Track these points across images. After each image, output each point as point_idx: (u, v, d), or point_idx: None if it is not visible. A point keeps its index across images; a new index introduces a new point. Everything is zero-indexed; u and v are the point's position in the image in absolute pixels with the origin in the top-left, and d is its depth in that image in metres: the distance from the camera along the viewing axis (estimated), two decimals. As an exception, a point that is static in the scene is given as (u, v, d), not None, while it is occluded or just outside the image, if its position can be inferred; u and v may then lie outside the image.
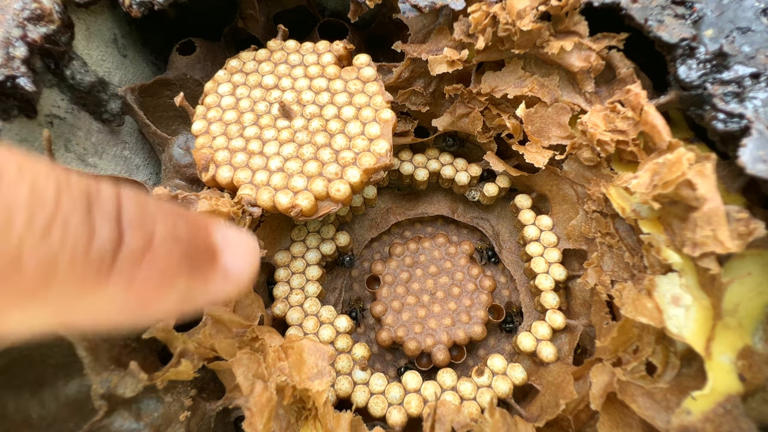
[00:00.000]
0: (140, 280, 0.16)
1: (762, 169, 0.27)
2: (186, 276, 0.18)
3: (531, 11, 0.35)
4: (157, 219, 0.17)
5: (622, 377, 0.31)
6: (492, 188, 0.48)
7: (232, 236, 0.21)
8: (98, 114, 0.41)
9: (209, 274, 0.20)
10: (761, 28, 0.31)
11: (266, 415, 0.30)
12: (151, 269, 0.17)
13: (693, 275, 0.30)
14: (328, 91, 0.39)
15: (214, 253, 0.20)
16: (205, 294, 0.19)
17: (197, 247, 0.19)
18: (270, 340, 0.33)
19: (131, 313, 0.17)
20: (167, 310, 0.18)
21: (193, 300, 0.19)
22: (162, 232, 0.17)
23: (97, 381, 0.29)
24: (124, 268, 0.16)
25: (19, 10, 0.34)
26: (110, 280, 0.15)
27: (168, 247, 0.17)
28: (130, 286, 0.16)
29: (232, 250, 0.21)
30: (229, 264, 0.20)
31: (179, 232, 0.18)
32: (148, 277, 0.17)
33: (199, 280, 0.19)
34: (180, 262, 0.18)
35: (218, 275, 0.20)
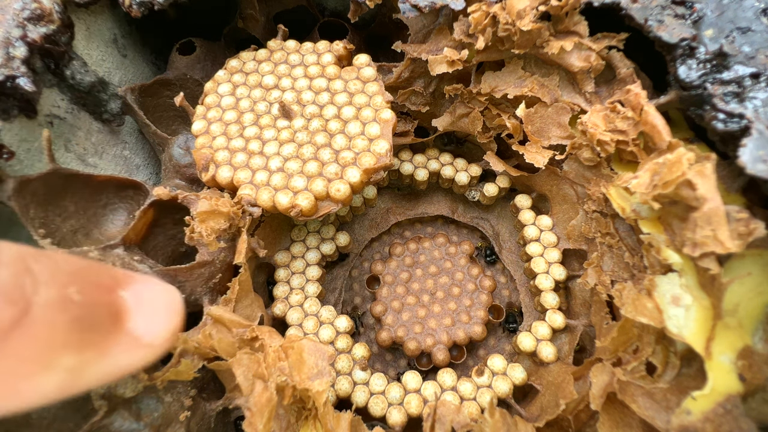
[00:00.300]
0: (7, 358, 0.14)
1: (762, 169, 0.27)
2: (75, 348, 0.15)
3: (531, 11, 0.35)
4: (42, 282, 0.15)
5: (622, 377, 0.31)
6: (492, 188, 0.48)
7: (148, 292, 0.18)
8: (98, 114, 0.41)
9: (109, 342, 0.16)
10: (761, 28, 0.31)
11: (266, 415, 0.30)
12: (23, 345, 0.14)
13: (693, 275, 0.30)
14: (328, 91, 0.39)
15: (118, 316, 0.17)
16: (105, 367, 0.16)
17: (96, 312, 0.16)
18: (270, 340, 0.33)
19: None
20: (49, 392, 0.15)
21: (87, 377, 0.16)
22: (45, 297, 0.15)
23: (97, 381, 0.29)
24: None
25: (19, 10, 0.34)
26: None
27: (50, 317, 0.15)
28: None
29: (145, 310, 0.17)
30: (140, 328, 0.17)
31: (70, 296, 0.15)
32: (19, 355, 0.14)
33: (95, 351, 0.16)
34: (67, 332, 0.15)
35: (123, 343, 0.17)
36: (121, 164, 0.44)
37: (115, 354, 0.17)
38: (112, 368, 0.17)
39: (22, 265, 0.15)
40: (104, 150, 0.42)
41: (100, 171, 0.41)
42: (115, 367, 0.17)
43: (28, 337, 0.14)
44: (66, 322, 0.15)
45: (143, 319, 0.17)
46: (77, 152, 0.40)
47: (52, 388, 0.15)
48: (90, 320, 0.16)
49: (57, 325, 0.15)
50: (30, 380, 0.15)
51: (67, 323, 0.15)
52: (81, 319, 0.16)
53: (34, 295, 0.14)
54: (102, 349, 0.16)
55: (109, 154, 0.43)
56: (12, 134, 0.34)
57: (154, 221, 0.37)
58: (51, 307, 0.15)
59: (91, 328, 0.16)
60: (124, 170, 0.44)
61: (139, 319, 0.17)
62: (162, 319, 0.18)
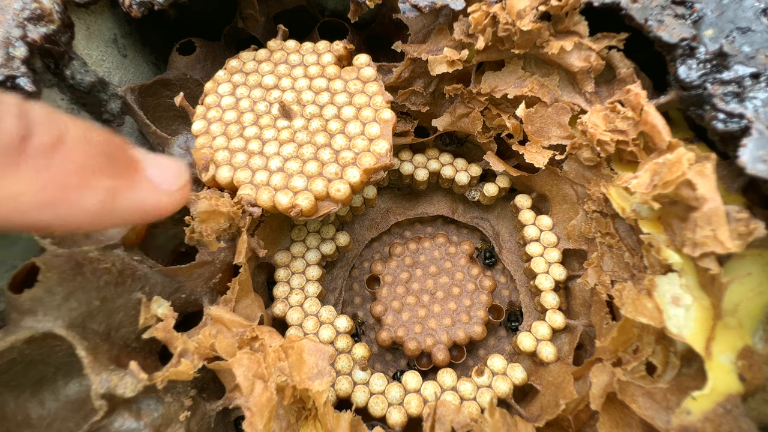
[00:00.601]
0: (55, 169, 0.16)
1: (762, 169, 0.27)
2: (108, 174, 0.18)
3: (531, 11, 0.35)
4: (69, 123, 0.17)
5: (622, 377, 0.31)
6: (492, 188, 0.48)
7: (155, 156, 0.20)
8: (98, 114, 0.41)
9: (136, 179, 0.19)
10: (761, 28, 0.31)
11: (266, 415, 0.30)
12: (66, 161, 0.16)
13: (693, 275, 0.30)
14: (328, 91, 0.39)
15: (135, 162, 0.19)
16: (134, 199, 0.18)
17: (115, 152, 0.18)
18: (270, 340, 0.33)
19: (52, 205, 0.16)
20: (93, 208, 0.17)
21: (121, 203, 0.18)
22: (75, 133, 0.17)
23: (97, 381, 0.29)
24: (35, 156, 0.15)
25: (19, 10, 0.34)
26: (20, 164, 0.15)
27: (83, 146, 0.17)
28: (45, 174, 0.16)
29: (155, 164, 0.20)
30: (156, 176, 0.19)
31: (93, 137, 0.17)
32: (65, 169, 0.16)
33: (125, 180, 0.18)
34: (99, 160, 0.17)
35: (146, 182, 0.19)
36: (121, 164, 0.44)
37: (142, 189, 0.19)
38: (141, 203, 0.19)
39: (51, 108, 0.17)
40: (104, 150, 0.42)
41: (100, 171, 0.41)
42: (144, 202, 0.19)
43: (70, 157, 0.16)
44: (97, 154, 0.17)
45: (157, 171, 0.19)
46: (77, 152, 0.40)
47: (95, 205, 0.17)
48: (115, 158, 0.18)
49: (90, 154, 0.17)
50: (77, 191, 0.17)
51: (98, 155, 0.17)
52: (108, 155, 0.18)
53: (66, 129, 0.17)
54: (130, 181, 0.18)
55: (109, 154, 0.43)
56: (12, 134, 0.34)
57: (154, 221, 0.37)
58: (81, 140, 0.17)
59: (117, 164, 0.18)
60: (124, 170, 0.44)
61: (153, 170, 0.19)
62: (172, 172, 0.20)
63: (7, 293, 0.29)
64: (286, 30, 0.43)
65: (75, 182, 0.17)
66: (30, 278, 0.29)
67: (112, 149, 0.18)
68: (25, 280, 0.30)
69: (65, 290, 0.29)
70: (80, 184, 0.17)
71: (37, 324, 0.28)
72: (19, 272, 0.30)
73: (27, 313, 0.28)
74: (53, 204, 0.16)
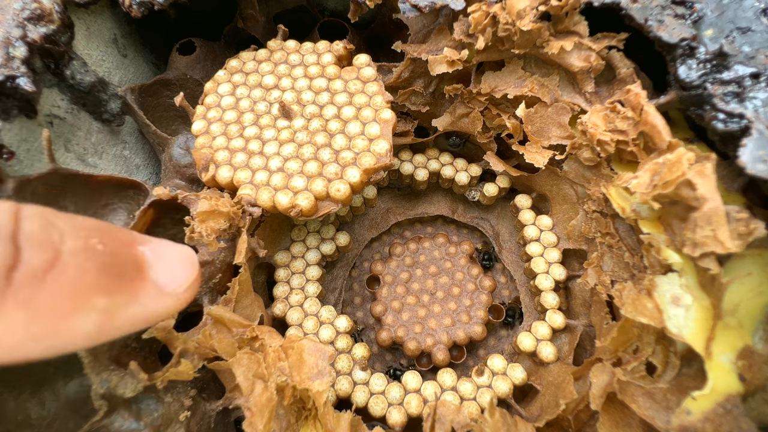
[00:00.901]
0: (44, 299, 0.15)
1: (762, 169, 0.27)
2: (105, 291, 0.16)
3: (531, 11, 0.35)
4: (67, 234, 0.16)
5: (622, 377, 0.31)
6: (492, 188, 0.48)
7: (164, 249, 0.19)
8: (98, 114, 0.41)
9: (138, 288, 0.17)
10: (761, 28, 0.31)
11: (266, 415, 0.30)
12: (58, 286, 0.15)
13: (693, 275, 0.30)
14: (328, 91, 0.39)
15: (140, 266, 0.18)
16: (135, 311, 0.17)
17: (118, 260, 0.17)
18: (270, 340, 0.33)
19: (42, 338, 0.15)
20: (88, 332, 0.16)
21: (120, 319, 0.17)
22: (72, 246, 0.16)
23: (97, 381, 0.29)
24: (22, 286, 0.14)
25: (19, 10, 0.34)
26: (6, 300, 0.14)
27: (79, 262, 0.16)
28: (32, 306, 0.14)
29: (164, 263, 0.18)
30: (161, 279, 0.18)
31: (94, 246, 0.16)
32: (56, 295, 0.15)
33: (125, 295, 0.17)
34: (96, 276, 0.16)
35: (149, 289, 0.18)
36: (121, 164, 0.44)
37: (143, 300, 0.18)
38: (142, 313, 0.18)
39: (46, 220, 0.16)
40: (104, 150, 0.42)
41: (100, 171, 0.41)
42: (144, 312, 0.18)
43: (62, 279, 0.15)
44: (94, 268, 0.16)
45: (163, 270, 0.18)
46: (77, 152, 0.40)
47: (91, 328, 0.16)
48: (116, 268, 0.17)
49: (87, 269, 0.16)
50: (69, 320, 0.15)
51: (96, 269, 0.16)
52: (107, 267, 0.16)
53: (62, 244, 0.15)
54: (131, 293, 0.17)
55: (109, 154, 0.43)
56: (12, 134, 0.34)
57: (154, 221, 0.37)
58: (78, 254, 0.16)
59: (118, 275, 0.17)
60: (124, 170, 0.44)
61: (159, 270, 0.18)
62: (181, 271, 0.19)
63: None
64: (286, 30, 0.43)
65: (68, 308, 0.15)
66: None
67: (115, 253, 0.17)
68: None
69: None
70: (74, 308, 0.15)
71: (37, 324, 0.28)
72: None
73: (27, 313, 0.28)
74: (43, 337, 0.15)
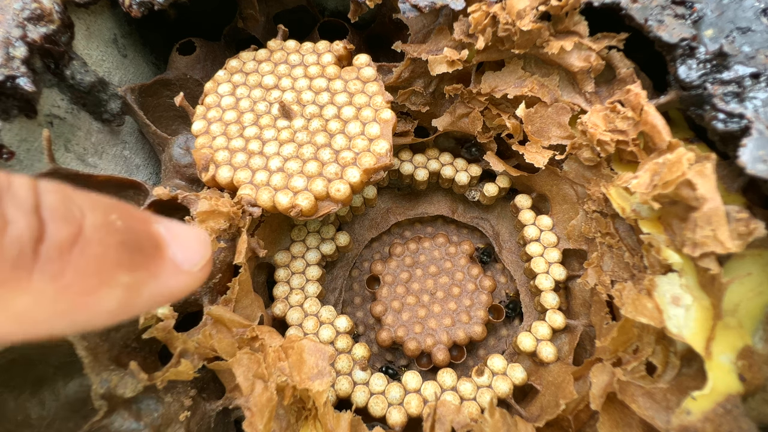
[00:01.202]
0: (71, 273, 0.15)
1: (762, 169, 0.27)
2: (128, 267, 0.16)
3: (531, 11, 0.35)
4: (86, 209, 0.16)
5: (622, 377, 0.31)
6: (492, 188, 0.48)
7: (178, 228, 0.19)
8: (98, 114, 0.41)
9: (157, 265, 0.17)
10: (761, 28, 0.31)
11: (266, 415, 0.30)
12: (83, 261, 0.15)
13: (693, 275, 0.30)
14: (328, 91, 0.39)
15: (158, 243, 0.18)
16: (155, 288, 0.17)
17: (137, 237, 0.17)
18: (270, 340, 0.33)
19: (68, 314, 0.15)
20: (112, 308, 0.16)
21: (142, 296, 0.17)
22: (93, 221, 0.15)
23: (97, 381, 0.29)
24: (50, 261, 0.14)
25: (19, 10, 0.34)
26: (33, 275, 0.14)
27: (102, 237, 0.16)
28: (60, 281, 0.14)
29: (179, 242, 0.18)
30: (178, 256, 0.18)
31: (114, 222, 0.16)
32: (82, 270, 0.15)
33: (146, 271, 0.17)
34: (118, 252, 0.16)
35: (168, 266, 0.18)
36: (121, 164, 0.44)
37: (163, 277, 0.18)
38: (163, 290, 0.18)
39: (65, 193, 0.15)
40: (104, 150, 0.42)
41: (100, 171, 0.41)
42: (164, 289, 0.18)
43: (87, 254, 0.15)
44: (117, 244, 0.16)
45: (179, 248, 0.18)
46: (77, 152, 0.40)
47: (115, 304, 0.16)
48: (135, 244, 0.17)
49: (110, 246, 0.16)
50: (94, 295, 0.15)
51: (117, 245, 0.16)
52: (128, 243, 0.16)
53: (83, 218, 0.15)
54: (151, 270, 0.17)
55: (109, 154, 0.43)
56: (12, 134, 0.34)
57: (154, 221, 0.37)
58: (100, 229, 0.16)
59: (138, 251, 0.17)
60: (124, 170, 0.44)
61: (176, 248, 0.18)
62: (196, 249, 0.19)
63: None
64: (286, 30, 0.43)
65: (93, 284, 0.15)
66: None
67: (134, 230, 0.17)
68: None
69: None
70: (99, 284, 0.15)
71: (37, 324, 0.28)
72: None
73: (27, 313, 0.28)
74: (68, 313, 0.15)
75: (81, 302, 0.15)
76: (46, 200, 0.15)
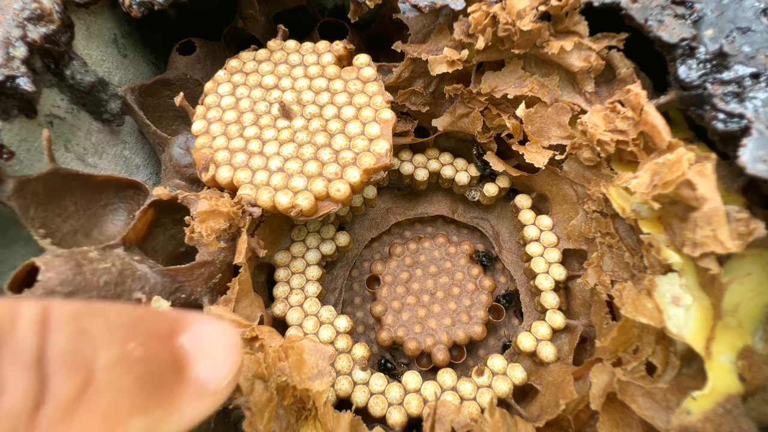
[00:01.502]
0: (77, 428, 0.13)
1: (762, 169, 0.27)
2: (143, 411, 0.14)
3: (531, 11, 0.35)
4: (101, 343, 0.14)
5: (622, 377, 0.31)
6: (492, 188, 0.48)
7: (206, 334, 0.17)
8: (98, 114, 0.41)
9: (176, 397, 0.16)
10: (761, 28, 0.31)
11: (266, 416, 0.30)
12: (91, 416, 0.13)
13: (693, 275, 0.30)
14: (328, 91, 0.39)
15: (181, 366, 0.16)
16: (175, 423, 0.16)
17: (158, 365, 0.15)
18: (270, 340, 0.33)
19: None
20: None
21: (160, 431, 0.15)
22: (107, 360, 0.14)
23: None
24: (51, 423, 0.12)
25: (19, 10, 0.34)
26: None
27: (115, 379, 0.14)
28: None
29: (206, 355, 0.16)
30: (203, 374, 0.16)
31: (132, 353, 0.14)
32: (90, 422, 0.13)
33: (164, 409, 0.15)
34: (134, 394, 0.14)
35: (189, 394, 0.16)
36: (121, 164, 0.44)
37: (184, 407, 0.16)
38: (182, 423, 0.16)
39: (77, 326, 0.14)
40: (104, 150, 0.42)
41: (100, 171, 0.41)
42: (185, 421, 0.16)
43: (96, 408, 0.13)
44: (131, 384, 0.14)
45: (205, 364, 0.16)
46: (77, 152, 0.40)
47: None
48: (154, 377, 0.15)
49: (123, 389, 0.14)
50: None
51: (132, 385, 0.14)
52: (145, 378, 0.15)
53: (96, 358, 0.14)
54: (170, 405, 0.15)
55: (109, 154, 0.43)
56: (12, 134, 0.34)
57: (154, 221, 0.37)
58: (114, 369, 0.14)
59: (156, 385, 0.15)
60: (124, 170, 0.44)
61: (201, 365, 0.16)
62: (224, 362, 0.17)
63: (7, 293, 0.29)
64: (286, 30, 0.43)
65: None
66: (30, 278, 0.29)
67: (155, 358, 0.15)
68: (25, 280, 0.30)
69: (65, 290, 0.29)
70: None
71: (37, 324, 0.28)
72: (19, 272, 0.30)
73: (27, 313, 0.28)
74: None
75: None
76: (53, 342, 0.13)
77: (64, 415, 0.13)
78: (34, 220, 0.32)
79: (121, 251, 0.34)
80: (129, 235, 0.34)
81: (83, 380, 0.13)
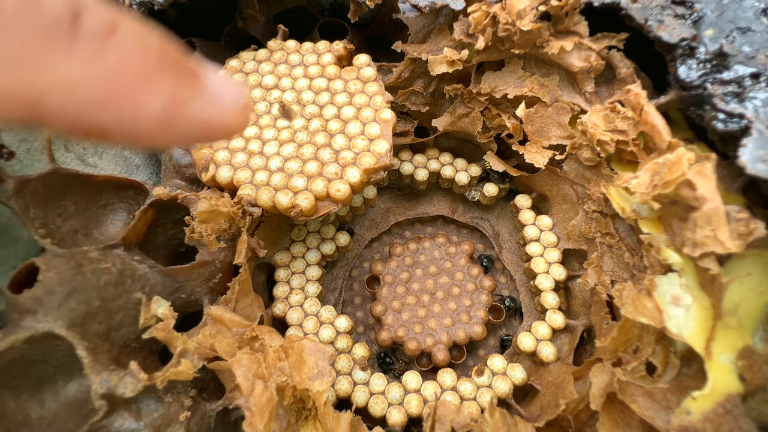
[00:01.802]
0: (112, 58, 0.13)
1: (762, 169, 0.27)
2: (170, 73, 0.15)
3: (531, 11, 0.35)
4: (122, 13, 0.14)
5: (622, 377, 0.31)
6: (492, 188, 0.48)
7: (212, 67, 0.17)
8: (98, 114, 0.41)
9: (196, 87, 0.16)
10: (761, 28, 0.31)
11: (266, 416, 0.30)
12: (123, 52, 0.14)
13: (693, 275, 0.30)
14: (328, 91, 0.39)
15: (194, 70, 0.16)
16: (198, 109, 0.16)
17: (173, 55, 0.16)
18: (270, 340, 0.33)
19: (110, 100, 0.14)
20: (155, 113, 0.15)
21: (185, 114, 0.16)
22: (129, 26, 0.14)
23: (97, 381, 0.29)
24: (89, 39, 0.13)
25: (19, 10, 0.34)
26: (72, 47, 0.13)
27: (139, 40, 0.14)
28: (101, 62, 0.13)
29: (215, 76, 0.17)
30: (216, 87, 0.17)
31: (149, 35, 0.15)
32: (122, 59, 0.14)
33: (188, 87, 0.16)
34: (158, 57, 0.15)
35: (206, 92, 0.16)
36: (121, 164, 0.44)
37: (204, 99, 0.16)
38: (206, 114, 0.16)
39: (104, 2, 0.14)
40: (104, 150, 0.42)
41: (100, 171, 0.41)
42: (206, 115, 0.16)
43: (126, 47, 0.14)
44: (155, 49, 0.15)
45: (217, 82, 0.17)
46: (77, 152, 0.40)
47: (159, 110, 0.15)
48: (174, 60, 0.15)
49: (146, 49, 0.14)
50: (137, 90, 0.14)
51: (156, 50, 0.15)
52: (164, 56, 0.15)
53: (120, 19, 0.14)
54: (193, 86, 0.16)
55: (109, 154, 0.43)
56: (12, 134, 0.34)
57: (154, 221, 0.37)
58: (136, 33, 0.14)
59: (176, 67, 0.15)
60: (124, 170, 0.44)
61: (213, 81, 0.17)
62: (233, 87, 0.17)
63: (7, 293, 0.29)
64: (286, 30, 0.43)
65: (135, 79, 0.14)
66: (30, 278, 0.29)
67: (170, 51, 0.15)
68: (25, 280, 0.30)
69: (65, 290, 0.29)
70: (141, 81, 0.14)
71: (37, 324, 0.28)
72: (19, 272, 0.30)
73: (27, 313, 0.28)
74: (113, 102, 0.14)
75: (125, 94, 0.14)
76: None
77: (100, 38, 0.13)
78: (34, 220, 0.32)
79: (121, 251, 0.34)
80: (129, 235, 0.34)
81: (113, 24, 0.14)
